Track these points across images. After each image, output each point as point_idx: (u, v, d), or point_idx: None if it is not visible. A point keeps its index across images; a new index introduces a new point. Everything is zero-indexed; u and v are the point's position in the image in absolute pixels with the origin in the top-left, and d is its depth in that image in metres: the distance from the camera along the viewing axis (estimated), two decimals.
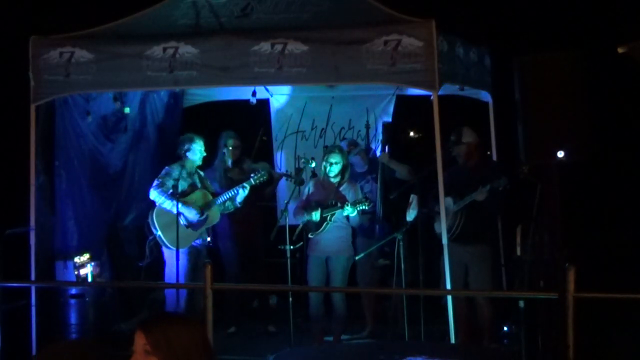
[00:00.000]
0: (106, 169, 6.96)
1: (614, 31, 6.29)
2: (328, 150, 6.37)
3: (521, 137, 5.45)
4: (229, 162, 6.85)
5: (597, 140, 5.41)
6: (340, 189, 6.21)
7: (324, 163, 6.21)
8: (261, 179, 6.36)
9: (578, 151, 5.30)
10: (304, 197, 6.34)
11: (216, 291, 4.46)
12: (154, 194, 6.22)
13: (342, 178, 6.23)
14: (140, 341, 2.25)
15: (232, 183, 6.58)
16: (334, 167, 6.16)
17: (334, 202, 6.10)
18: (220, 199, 6.41)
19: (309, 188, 6.36)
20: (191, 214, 6.27)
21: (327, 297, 6.29)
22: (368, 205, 6.05)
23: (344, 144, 6.78)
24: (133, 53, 5.66)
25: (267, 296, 7.25)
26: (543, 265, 5.52)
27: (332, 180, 6.22)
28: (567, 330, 3.88)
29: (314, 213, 6.10)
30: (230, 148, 6.82)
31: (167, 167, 6.36)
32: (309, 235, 6.20)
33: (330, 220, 6.10)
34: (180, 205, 6.16)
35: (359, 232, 6.40)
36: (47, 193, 6.49)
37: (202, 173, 6.55)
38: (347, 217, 6.10)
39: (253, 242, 6.97)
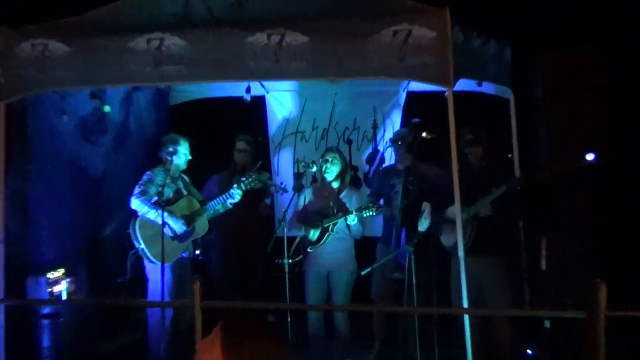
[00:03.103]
0: (84, 174, 6.67)
1: None
2: (325, 151, 6.08)
3: (544, 138, 5.24)
4: (236, 167, 6.66)
5: (628, 142, 5.18)
6: (341, 195, 5.88)
7: (320, 161, 5.92)
8: (251, 183, 6.06)
9: (607, 154, 5.10)
10: (300, 207, 6.00)
11: (206, 309, 4.13)
12: (135, 203, 5.85)
13: (341, 183, 5.91)
14: (217, 333, 2.52)
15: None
16: (330, 167, 5.85)
17: (334, 211, 5.76)
18: (209, 208, 6.10)
19: (305, 196, 6.03)
20: (177, 225, 5.94)
21: (328, 315, 5.96)
22: (375, 211, 5.65)
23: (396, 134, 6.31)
24: (114, 45, 5.31)
25: (264, 314, 6.90)
26: (570, 280, 5.19)
27: (331, 185, 5.90)
28: (597, 353, 3.70)
29: (312, 231, 5.79)
30: (237, 152, 6.67)
31: (148, 172, 6.01)
32: (308, 249, 5.87)
33: (332, 230, 5.77)
34: (165, 214, 5.80)
35: (380, 239, 6.12)
36: (19, 200, 6.16)
37: (186, 178, 6.25)
38: (348, 227, 5.76)
39: (249, 256, 6.66)
